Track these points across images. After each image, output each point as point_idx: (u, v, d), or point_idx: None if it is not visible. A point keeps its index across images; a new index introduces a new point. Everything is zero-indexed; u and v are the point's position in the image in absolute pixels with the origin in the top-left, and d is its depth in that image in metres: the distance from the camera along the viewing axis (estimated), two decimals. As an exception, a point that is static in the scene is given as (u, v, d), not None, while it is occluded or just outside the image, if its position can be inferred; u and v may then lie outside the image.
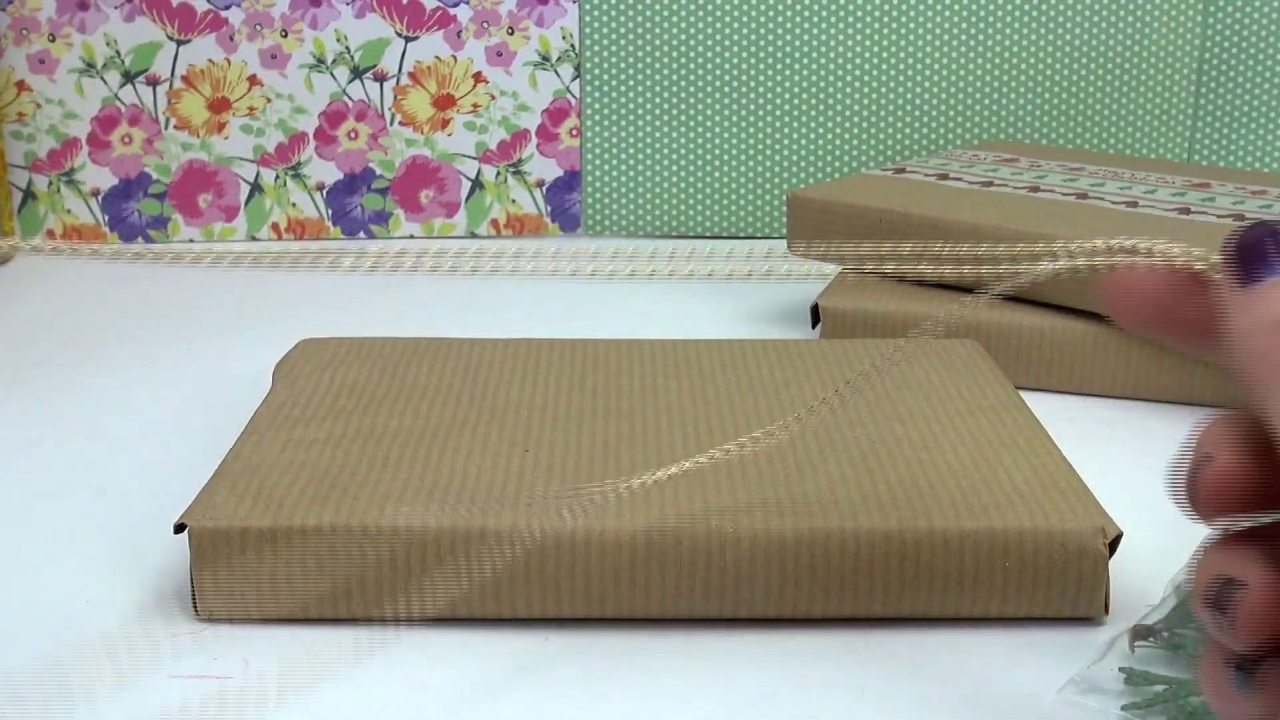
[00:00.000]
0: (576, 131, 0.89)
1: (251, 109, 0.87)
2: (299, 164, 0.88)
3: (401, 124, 0.88)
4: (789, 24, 0.87)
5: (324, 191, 0.88)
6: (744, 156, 0.89)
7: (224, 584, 0.40)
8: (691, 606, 0.41)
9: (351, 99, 0.87)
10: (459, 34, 0.87)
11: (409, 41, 0.87)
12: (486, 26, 0.87)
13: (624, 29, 0.87)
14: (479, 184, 0.89)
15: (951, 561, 0.40)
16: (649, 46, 0.87)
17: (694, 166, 0.89)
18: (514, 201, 0.89)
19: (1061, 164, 0.77)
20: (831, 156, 0.89)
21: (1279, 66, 0.88)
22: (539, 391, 0.50)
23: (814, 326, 0.65)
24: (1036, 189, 0.70)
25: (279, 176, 0.88)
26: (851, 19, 0.87)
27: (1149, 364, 0.59)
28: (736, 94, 0.88)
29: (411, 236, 0.89)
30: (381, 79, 0.87)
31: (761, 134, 0.89)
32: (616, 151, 0.89)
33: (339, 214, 0.89)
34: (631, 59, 0.87)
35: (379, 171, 0.88)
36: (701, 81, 0.88)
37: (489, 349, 0.55)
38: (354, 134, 0.88)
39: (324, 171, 0.88)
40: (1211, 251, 0.30)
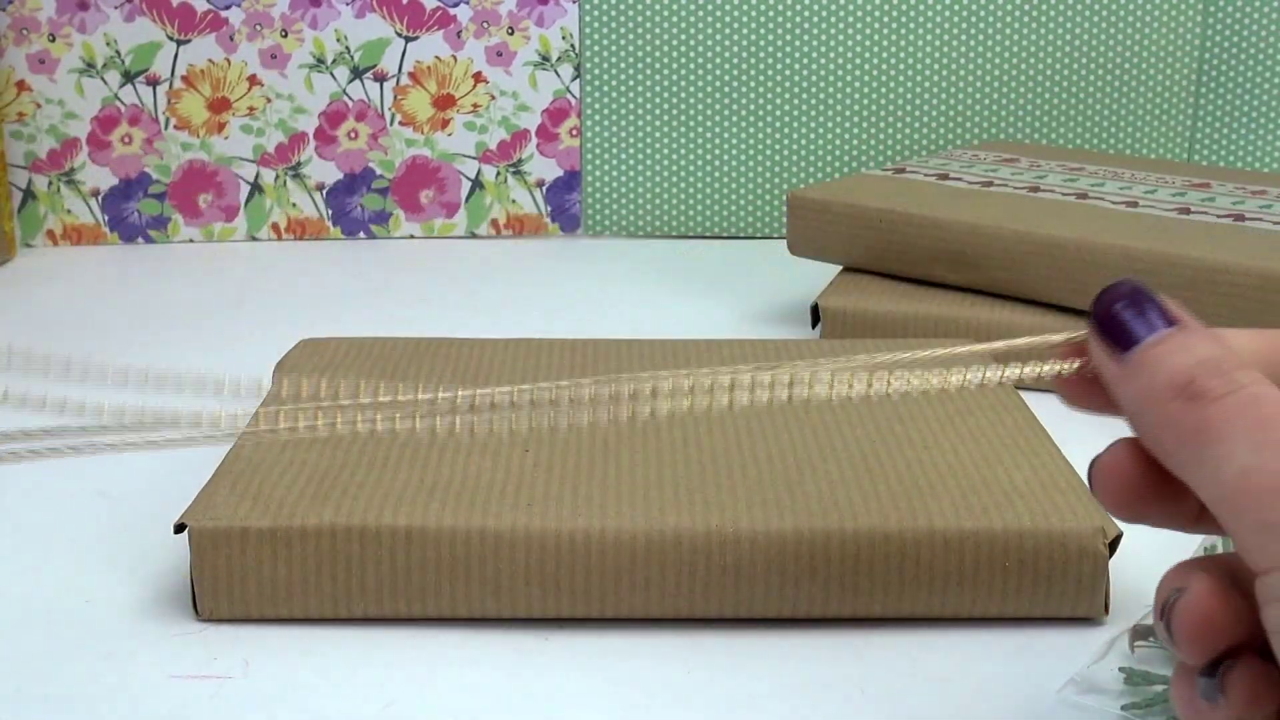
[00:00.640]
0: (576, 131, 0.89)
1: (251, 109, 0.87)
2: (299, 164, 0.88)
3: (401, 124, 0.88)
4: (789, 24, 0.87)
5: (324, 191, 0.88)
6: (744, 156, 0.89)
7: (224, 584, 0.40)
8: (691, 606, 0.41)
9: (351, 99, 0.87)
10: (459, 34, 0.87)
11: (409, 41, 0.87)
12: (486, 26, 0.87)
13: (624, 29, 0.87)
14: (479, 184, 0.89)
15: (951, 561, 0.40)
16: (649, 46, 0.87)
17: (694, 166, 0.89)
18: (514, 201, 0.89)
19: (1061, 164, 0.77)
20: (831, 156, 0.89)
21: (1279, 66, 0.88)
22: None
23: (814, 326, 0.65)
24: (1036, 189, 0.70)
25: (279, 176, 0.88)
26: (851, 19, 0.87)
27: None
28: (736, 94, 0.88)
29: (411, 237, 0.89)
30: (381, 79, 0.87)
31: (761, 134, 0.89)
32: (616, 151, 0.89)
33: (339, 214, 0.89)
34: (631, 59, 0.87)
35: (379, 171, 0.88)
36: (701, 81, 0.88)
37: (489, 349, 0.55)
38: (354, 134, 0.88)
39: (324, 171, 0.88)
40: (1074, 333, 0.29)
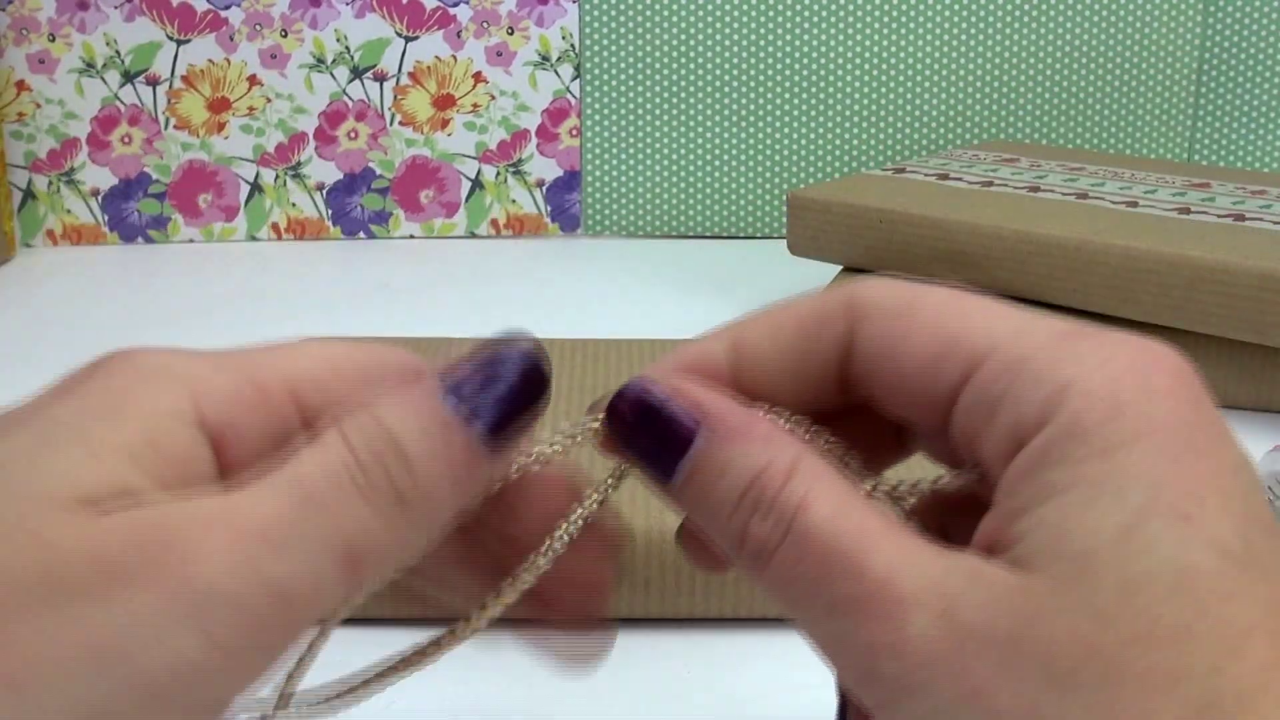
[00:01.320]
0: (576, 131, 0.89)
1: (251, 109, 0.87)
2: (299, 164, 0.88)
3: (401, 124, 0.88)
4: (789, 24, 0.87)
5: (324, 191, 0.88)
6: (744, 156, 0.89)
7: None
8: (691, 606, 0.41)
9: (351, 99, 0.87)
10: (459, 34, 0.87)
11: (409, 41, 0.87)
12: (486, 26, 0.87)
13: (624, 29, 0.87)
14: (479, 184, 0.89)
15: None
16: (649, 46, 0.87)
17: (694, 166, 0.89)
18: (514, 201, 0.89)
19: (1061, 164, 0.77)
20: (831, 156, 0.89)
21: (1279, 66, 0.88)
22: None
23: (814, 326, 0.65)
24: (1036, 189, 0.70)
25: (279, 176, 0.88)
26: (851, 19, 0.87)
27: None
28: (736, 94, 0.88)
29: (411, 237, 0.89)
30: (381, 79, 0.87)
31: (761, 134, 0.89)
32: (616, 151, 0.89)
33: (339, 214, 0.89)
34: (631, 59, 0.87)
35: (379, 171, 0.88)
36: (701, 81, 0.88)
37: (489, 349, 0.55)
38: (354, 134, 0.88)
39: (324, 171, 0.88)
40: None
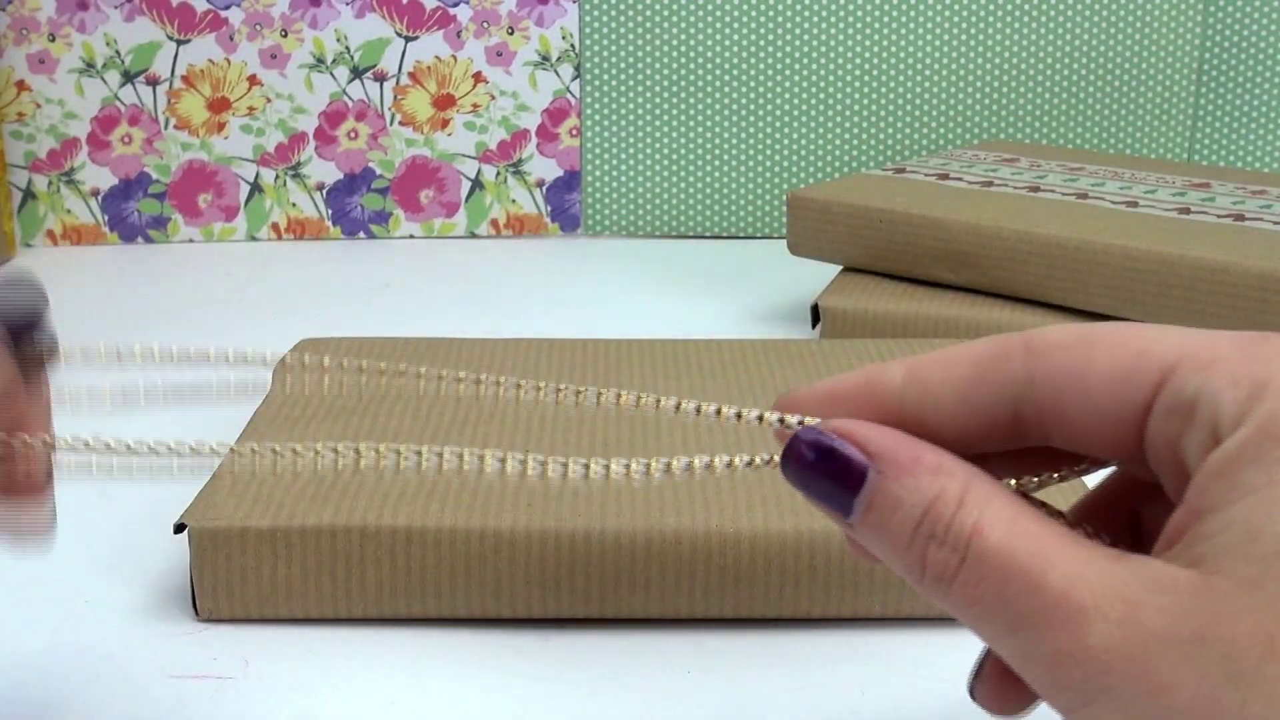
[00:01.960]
0: (576, 131, 0.89)
1: (251, 109, 0.87)
2: (299, 164, 0.88)
3: (401, 124, 0.88)
4: (789, 24, 0.87)
5: (324, 191, 0.88)
6: (744, 156, 0.89)
7: (224, 584, 0.40)
8: (691, 606, 0.41)
9: (351, 99, 0.87)
10: (459, 34, 0.87)
11: (409, 41, 0.87)
12: (486, 26, 0.87)
13: (624, 29, 0.87)
14: (479, 184, 0.89)
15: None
16: (649, 46, 0.87)
17: (694, 166, 0.89)
18: (514, 201, 0.89)
19: (1061, 164, 0.77)
20: (831, 156, 0.89)
21: (1279, 66, 0.88)
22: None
23: (814, 326, 0.65)
24: (1036, 189, 0.70)
25: (279, 176, 0.88)
26: (851, 19, 0.87)
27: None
28: (736, 94, 0.88)
29: (411, 237, 0.89)
30: (381, 79, 0.87)
31: (761, 134, 0.89)
32: (616, 151, 0.89)
33: (339, 214, 0.89)
34: (631, 59, 0.87)
35: (379, 171, 0.88)
36: (701, 81, 0.88)
37: (489, 349, 0.55)
38: (354, 134, 0.88)
39: (324, 171, 0.88)
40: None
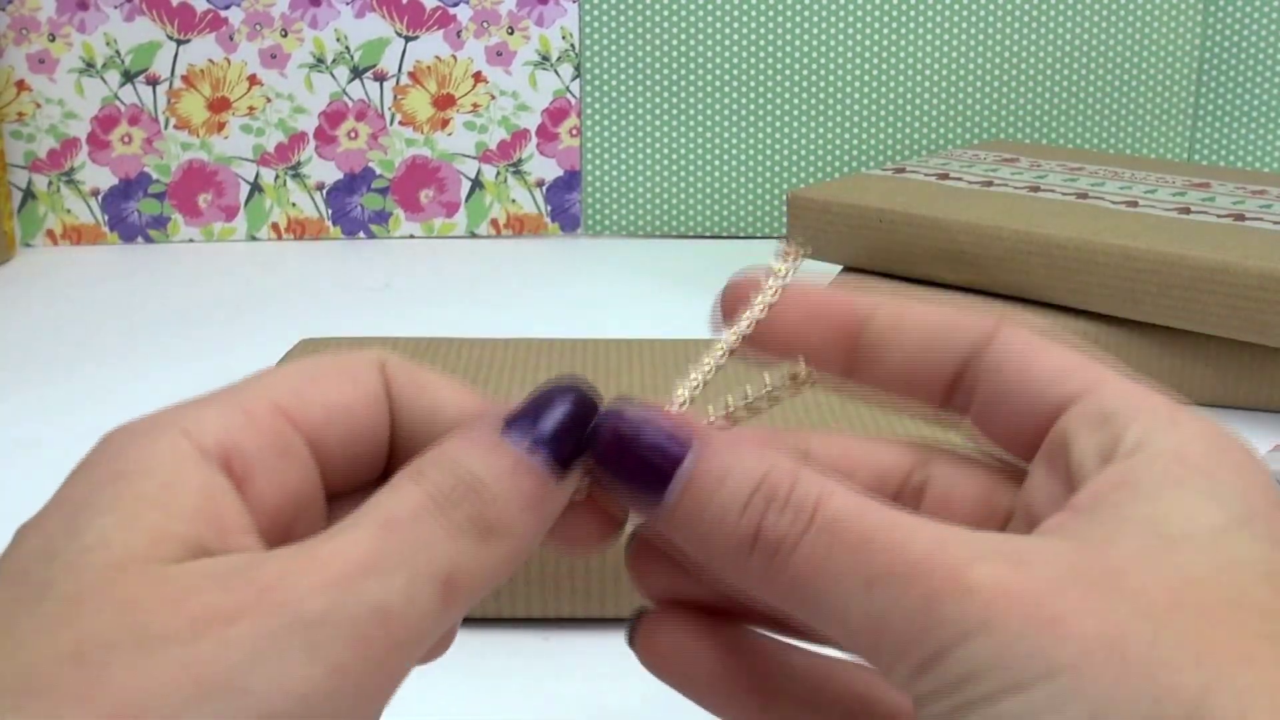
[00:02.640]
0: (576, 131, 0.89)
1: (251, 109, 0.87)
2: (299, 164, 0.88)
3: (401, 124, 0.88)
4: (789, 24, 0.87)
5: (324, 191, 0.88)
6: (744, 156, 0.89)
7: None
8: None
9: (351, 99, 0.87)
10: (459, 34, 0.87)
11: (409, 41, 0.87)
12: (486, 26, 0.87)
13: (624, 29, 0.87)
14: (479, 184, 0.89)
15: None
16: (649, 46, 0.87)
17: (694, 166, 0.89)
18: (514, 201, 0.89)
19: (1061, 164, 0.77)
20: (831, 156, 0.89)
21: (1279, 66, 0.88)
22: None
23: (814, 326, 0.65)
24: (1036, 189, 0.70)
25: (279, 176, 0.88)
26: (851, 19, 0.87)
27: (1149, 363, 0.59)
28: (736, 94, 0.88)
29: (411, 237, 0.89)
30: (381, 79, 0.87)
31: (761, 134, 0.89)
32: (616, 151, 0.89)
33: (339, 214, 0.89)
34: (631, 59, 0.87)
35: (379, 171, 0.88)
36: (701, 81, 0.88)
37: (489, 349, 0.55)
38: (354, 134, 0.88)
39: (324, 171, 0.88)
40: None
